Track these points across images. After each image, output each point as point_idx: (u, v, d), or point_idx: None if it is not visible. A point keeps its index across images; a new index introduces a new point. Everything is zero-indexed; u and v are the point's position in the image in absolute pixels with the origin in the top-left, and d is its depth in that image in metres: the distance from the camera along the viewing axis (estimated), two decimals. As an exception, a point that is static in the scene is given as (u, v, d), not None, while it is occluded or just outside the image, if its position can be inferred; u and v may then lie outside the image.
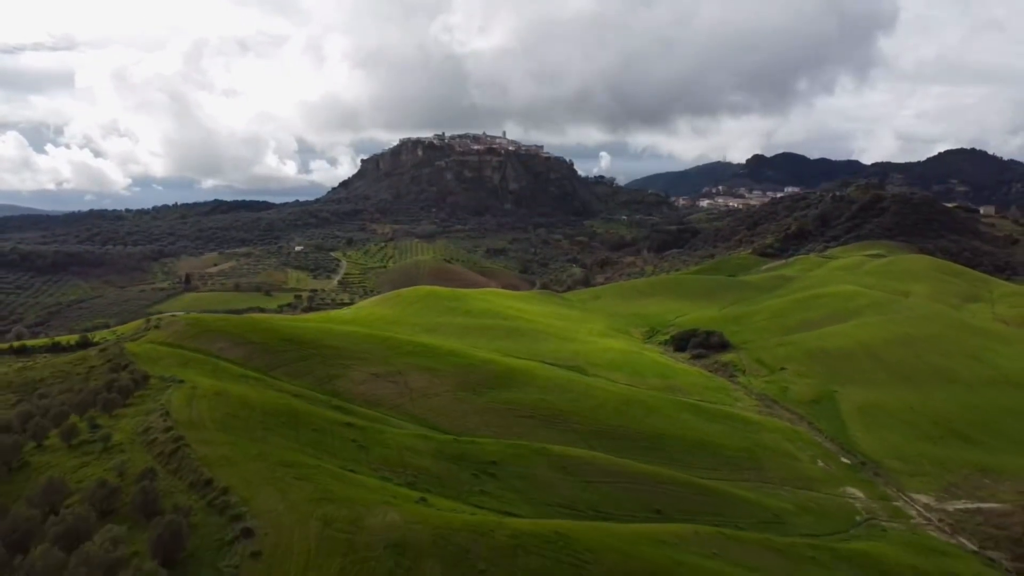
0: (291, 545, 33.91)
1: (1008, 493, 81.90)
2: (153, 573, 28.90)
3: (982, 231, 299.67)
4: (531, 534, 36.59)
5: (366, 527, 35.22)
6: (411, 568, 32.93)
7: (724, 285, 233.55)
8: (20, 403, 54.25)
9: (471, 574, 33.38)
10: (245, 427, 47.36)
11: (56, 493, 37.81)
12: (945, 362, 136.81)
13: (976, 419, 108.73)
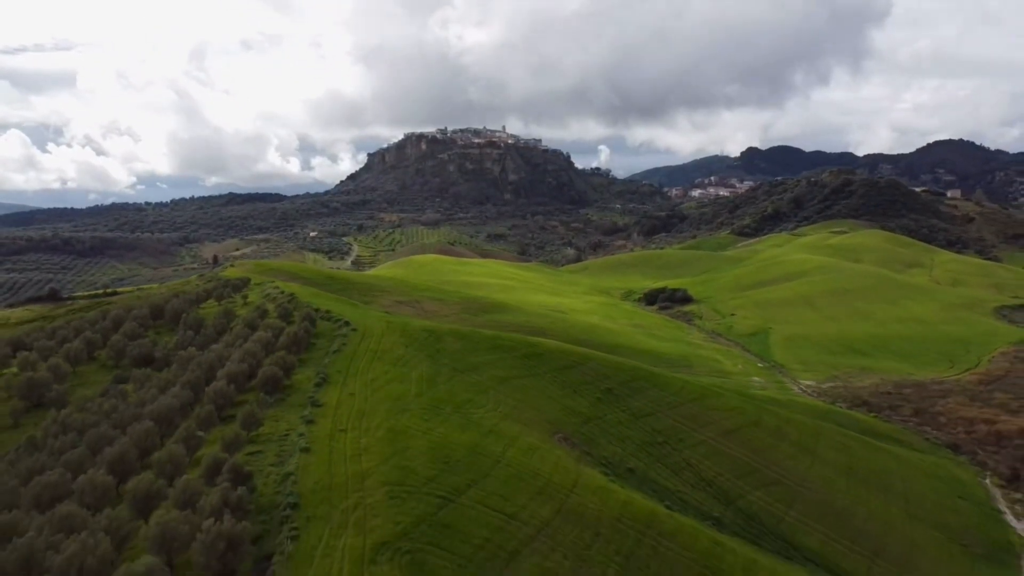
0: (372, 329, 62.21)
1: (873, 380, 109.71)
2: (299, 337, 57.29)
3: (943, 211, 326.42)
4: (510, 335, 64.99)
5: (411, 324, 63.57)
6: (437, 338, 61.22)
7: (699, 258, 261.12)
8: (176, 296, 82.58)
9: (479, 348, 61.62)
10: (328, 293, 75.83)
11: (229, 317, 66.10)
12: (866, 306, 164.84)
13: (876, 342, 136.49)
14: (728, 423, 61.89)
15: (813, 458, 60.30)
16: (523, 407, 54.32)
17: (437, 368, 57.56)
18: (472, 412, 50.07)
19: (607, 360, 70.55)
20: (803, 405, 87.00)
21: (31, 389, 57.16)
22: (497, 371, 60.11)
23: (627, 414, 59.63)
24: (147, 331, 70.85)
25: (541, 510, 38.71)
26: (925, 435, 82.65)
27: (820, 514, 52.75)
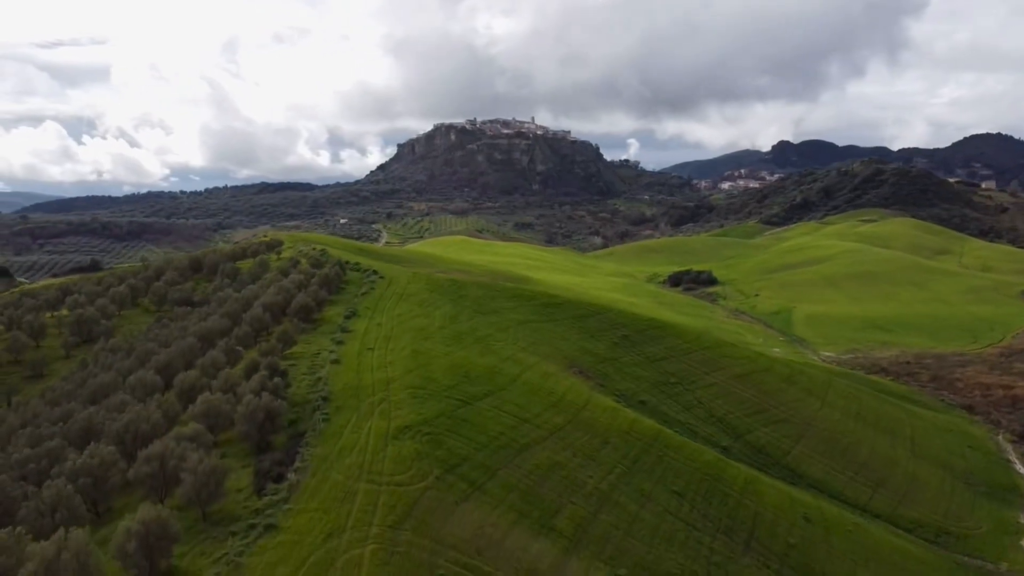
0: (398, 278, 65.37)
1: (893, 352, 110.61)
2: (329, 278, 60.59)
3: (975, 201, 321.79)
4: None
5: (435, 276, 66.57)
6: (460, 286, 64.15)
7: (725, 245, 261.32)
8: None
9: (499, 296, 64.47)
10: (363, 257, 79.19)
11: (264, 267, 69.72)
12: (892, 289, 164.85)
13: (898, 320, 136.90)
14: (739, 369, 63.95)
15: (822, 402, 62.15)
16: (540, 344, 56.98)
17: (459, 309, 60.53)
18: (492, 343, 52.90)
19: (623, 311, 73.02)
20: (818, 367, 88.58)
21: (80, 325, 61.10)
22: (516, 315, 62.88)
23: (641, 357, 61.99)
24: (186, 281, 74.75)
25: (554, 418, 41.37)
26: (941, 397, 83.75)
27: (825, 449, 54.72)
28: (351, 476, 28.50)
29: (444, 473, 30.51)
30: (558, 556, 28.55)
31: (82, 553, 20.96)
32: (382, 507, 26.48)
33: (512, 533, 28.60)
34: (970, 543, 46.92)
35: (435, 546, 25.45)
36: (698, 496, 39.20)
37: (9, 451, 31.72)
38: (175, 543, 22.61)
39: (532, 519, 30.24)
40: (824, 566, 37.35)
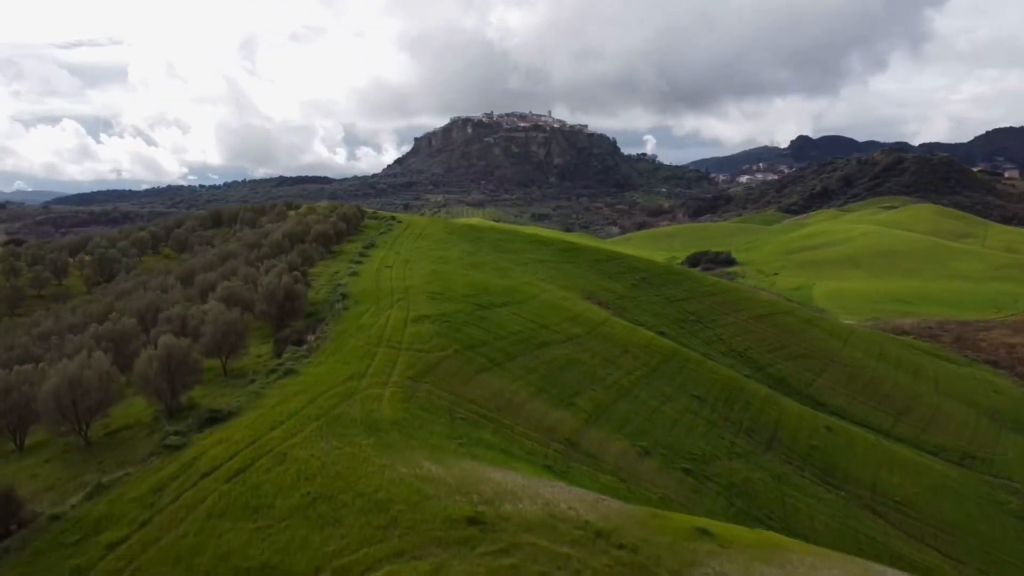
0: (416, 223, 65.37)
1: (915, 319, 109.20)
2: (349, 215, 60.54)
3: (999, 189, 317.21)
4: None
5: (453, 222, 66.48)
6: (478, 231, 64.04)
7: (744, 230, 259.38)
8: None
9: (517, 239, 64.26)
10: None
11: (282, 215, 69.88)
12: (912, 266, 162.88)
13: (920, 295, 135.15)
14: (760, 310, 63.33)
15: (844, 343, 61.39)
16: (559, 278, 56.71)
17: (478, 247, 60.44)
18: (510, 273, 52.66)
19: (641, 258, 72.52)
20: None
21: (102, 264, 61.60)
22: (534, 255, 62.67)
23: (660, 297, 61.53)
24: (207, 230, 75.18)
25: (572, 328, 41.07)
26: (964, 354, 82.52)
27: (848, 382, 54.00)
28: (370, 342, 28.41)
29: (463, 349, 30.36)
30: (579, 424, 28.30)
31: (104, 373, 20.99)
32: (401, 364, 26.36)
33: (532, 402, 28.38)
34: (995, 466, 46.10)
35: (454, 398, 25.28)
36: (719, 401, 38.76)
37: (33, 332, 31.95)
38: (196, 376, 22.59)
39: (551, 395, 30.00)
40: (847, 467, 36.80)
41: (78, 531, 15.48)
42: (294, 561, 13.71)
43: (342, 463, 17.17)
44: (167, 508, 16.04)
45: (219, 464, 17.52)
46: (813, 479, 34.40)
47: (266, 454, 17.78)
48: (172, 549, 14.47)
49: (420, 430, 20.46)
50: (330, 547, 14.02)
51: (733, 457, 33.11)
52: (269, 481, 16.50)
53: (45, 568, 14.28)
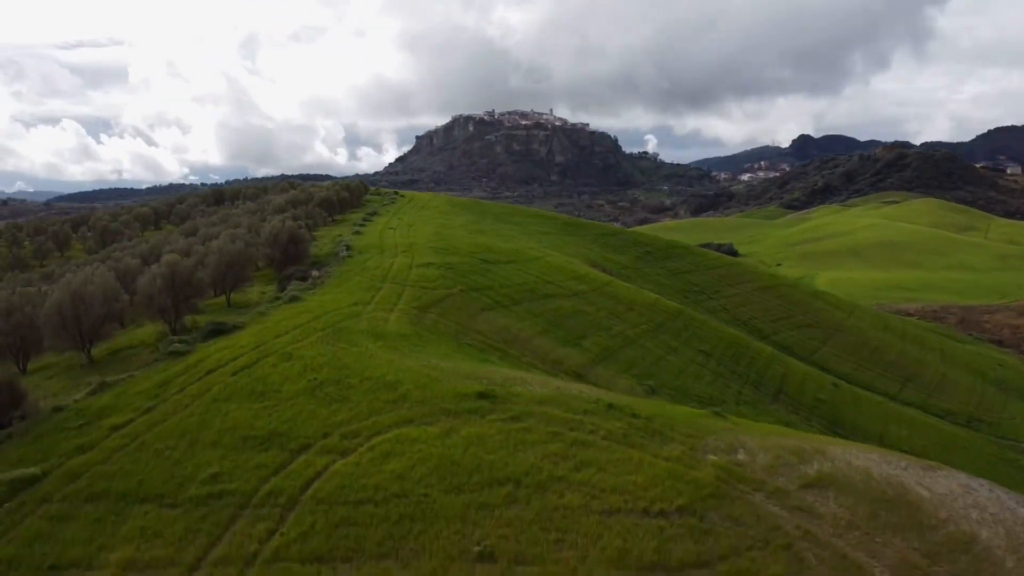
0: (419, 197, 65.07)
1: (919, 304, 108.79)
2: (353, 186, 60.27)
3: (1001, 185, 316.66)
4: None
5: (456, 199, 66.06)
6: (481, 206, 63.76)
7: (746, 225, 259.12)
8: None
9: (520, 214, 63.89)
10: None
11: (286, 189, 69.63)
12: (915, 257, 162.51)
13: (922, 283, 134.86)
14: (764, 282, 63.08)
15: (848, 314, 61.13)
16: (563, 247, 56.45)
17: (481, 218, 60.16)
18: (514, 239, 52.44)
19: (644, 233, 72.28)
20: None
21: (104, 235, 61.42)
22: (538, 228, 62.41)
23: (664, 270, 61.26)
24: (209, 207, 74.98)
25: (577, 286, 40.80)
26: (969, 333, 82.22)
27: (853, 349, 53.69)
28: (375, 279, 28.19)
29: (468, 290, 30.13)
30: (585, 361, 28.06)
31: (108, 287, 20.78)
32: (407, 296, 26.14)
33: (538, 338, 28.15)
34: (1002, 428, 45.81)
35: (460, 327, 25.04)
36: (725, 356, 38.50)
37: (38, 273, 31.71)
38: (200, 294, 22.37)
39: (557, 336, 29.77)
40: (854, 419, 36.53)
41: (82, 418, 15.25)
42: (301, 429, 13.47)
43: (349, 358, 16.93)
44: (171, 398, 15.81)
45: (224, 362, 17.29)
46: (820, 428, 34.12)
47: (272, 354, 17.54)
48: (177, 427, 14.23)
49: (427, 343, 20.22)
50: (338, 417, 13.79)
51: (740, 403, 32.84)
52: (275, 373, 16.26)
53: (49, 447, 14.04)
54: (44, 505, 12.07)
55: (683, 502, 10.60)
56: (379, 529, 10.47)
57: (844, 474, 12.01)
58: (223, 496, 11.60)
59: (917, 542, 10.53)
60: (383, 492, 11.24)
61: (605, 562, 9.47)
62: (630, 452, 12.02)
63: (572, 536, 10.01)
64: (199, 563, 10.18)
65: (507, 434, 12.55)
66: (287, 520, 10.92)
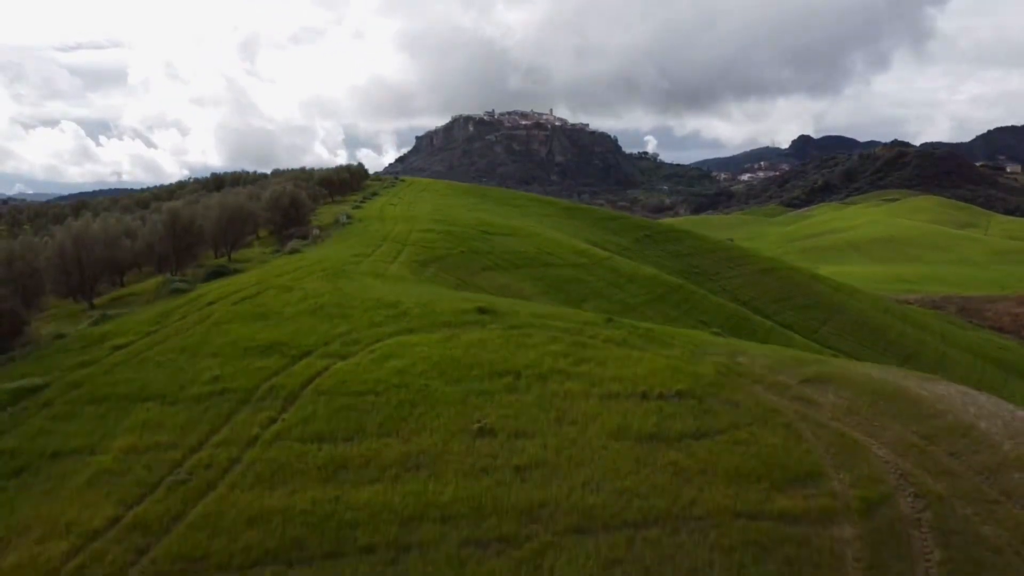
0: (421, 182, 65.12)
1: (916, 295, 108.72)
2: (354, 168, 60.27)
3: (1001, 183, 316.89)
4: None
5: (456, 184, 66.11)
6: (482, 191, 63.82)
7: (745, 222, 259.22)
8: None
9: (520, 199, 63.87)
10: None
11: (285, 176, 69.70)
12: (916, 252, 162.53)
13: (923, 277, 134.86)
14: (764, 265, 63.10)
15: (849, 296, 61.17)
16: (563, 228, 56.51)
17: (482, 201, 60.19)
18: (514, 219, 52.51)
19: (644, 218, 72.31)
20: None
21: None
22: (539, 211, 62.48)
23: (665, 252, 61.31)
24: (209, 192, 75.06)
25: (576, 259, 40.84)
26: (969, 320, 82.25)
27: (854, 329, 53.72)
28: (376, 238, 28.26)
29: (468, 251, 30.19)
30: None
31: (110, 229, 20.82)
32: (407, 252, 26.20)
33: (539, 297, 28.17)
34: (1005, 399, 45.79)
35: (460, 282, 25.08)
36: (725, 328, 38.41)
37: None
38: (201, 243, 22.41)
39: (558, 298, 29.79)
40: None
41: (84, 341, 15.29)
42: (302, 340, 13.51)
43: (349, 288, 16.98)
44: (173, 324, 15.85)
45: (226, 295, 17.33)
46: (821, 394, 34.10)
47: (273, 287, 17.58)
48: (178, 344, 14.27)
49: (427, 286, 20.27)
50: (339, 329, 13.83)
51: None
52: (277, 301, 16.31)
53: (51, 364, 14.08)
54: (46, 408, 12.11)
55: (683, 387, 10.65)
56: (380, 413, 10.52)
57: (843, 374, 12.05)
58: (224, 393, 11.64)
59: (915, 427, 10.57)
60: (384, 384, 11.29)
61: (604, 435, 9.52)
62: (630, 352, 12.06)
63: (571, 415, 10.06)
64: (200, 446, 10.22)
65: (507, 338, 12.59)
66: (288, 410, 10.97)
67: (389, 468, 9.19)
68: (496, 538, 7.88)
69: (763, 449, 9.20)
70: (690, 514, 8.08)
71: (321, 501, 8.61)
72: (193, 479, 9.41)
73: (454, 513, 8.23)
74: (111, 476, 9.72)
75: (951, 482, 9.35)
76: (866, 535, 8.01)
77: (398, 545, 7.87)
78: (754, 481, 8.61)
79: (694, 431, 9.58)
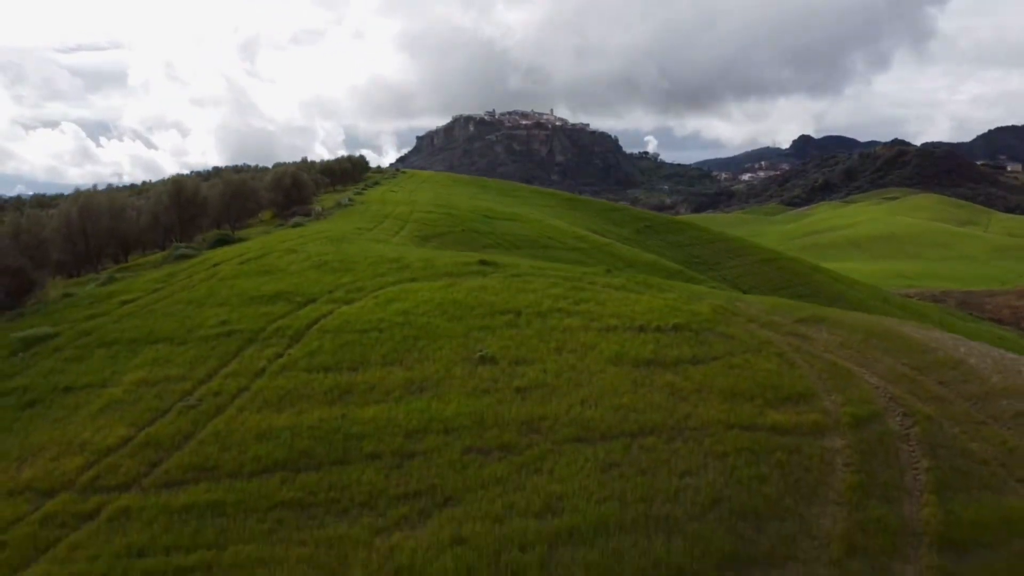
0: (420, 175, 65.39)
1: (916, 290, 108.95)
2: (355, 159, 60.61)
3: (1001, 181, 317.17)
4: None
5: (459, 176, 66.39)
6: (484, 183, 64.01)
7: (745, 221, 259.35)
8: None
9: (522, 191, 64.15)
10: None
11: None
12: (916, 249, 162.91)
13: (923, 273, 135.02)
14: (764, 255, 63.44)
15: (848, 287, 61.48)
16: (564, 217, 56.80)
17: (483, 191, 60.52)
18: (514, 206, 52.81)
19: (644, 211, 72.67)
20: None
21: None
22: (540, 201, 62.76)
23: (666, 242, 61.62)
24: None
25: (577, 244, 41.11)
26: (969, 313, 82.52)
27: (852, 317, 54.04)
28: (377, 215, 28.55)
29: (468, 231, 30.48)
30: (585, 297, 28.33)
31: (116, 201, 21.11)
32: (408, 229, 26.49)
33: (538, 274, 28.44)
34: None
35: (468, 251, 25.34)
36: (724, 310, 38.83)
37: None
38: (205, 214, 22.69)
39: (558, 276, 30.06)
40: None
41: (92, 299, 15.57)
42: (307, 289, 13.78)
43: (353, 250, 17.26)
44: (180, 282, 16.13)
45: (231, 258, 17.61)
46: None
47: (277, 251, 17.86)
48: (185, 297, 14.55)
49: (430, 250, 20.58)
50: (343, 280, 14.12)
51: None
52: (281, 260, 16.59)
53: (61, 318, 14.36)
54: (57, 353, 12.39)
55: (679, 322, 10.92)
56: (384, 346, 10.79)
57: (837, 317, 12.33)
58: (232, 334, 11.92)
59: (906, 360, 10.84)
60: (387, 323, 11.56)
61: (602, 361, 9.78)
62: (628, 295, 12.33)
63: (570, 345, 10.33)
64: (209, 378, 10.49)
65: (508, 284, 12.86)
66: (294, 347, 11.24)
67: (393, 391, 9.47)
68: (497, 446, 8.17)
69: (757, 373, 9.47)
70: (685, 425, 8.36)
71: (327, 419, 8.89)
72: (203, 404, 9.68)
73: (456, 426, 8.53)
74: (123, 405, 9.99)
75: (940, 406, 9.62)
76: (855, 445, 8.27)
77: (402, 453, 8.17)
78: (748, 400, 8.88)
79: (690, 357, 9.85)
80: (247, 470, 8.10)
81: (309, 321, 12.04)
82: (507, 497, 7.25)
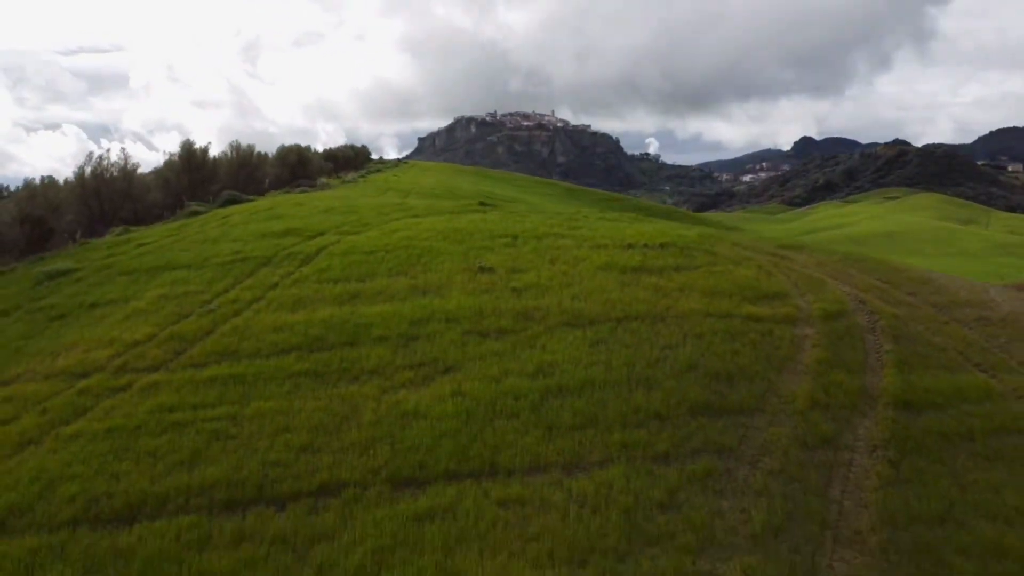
0: (423, 165, 66.05)
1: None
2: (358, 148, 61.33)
3: (1002, 181, 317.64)
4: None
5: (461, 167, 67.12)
6: (485, 174, 64.71)
7: (746, 220, 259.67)
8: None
9: (522, 180, 64.84)
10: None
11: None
12: (917, 245, 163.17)
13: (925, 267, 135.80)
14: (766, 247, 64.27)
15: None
16: (564, 204, 57.55)
17: (485, 179, 61.29)
18: (515, 193, 53.57)
19: (643, 201, 73.43)
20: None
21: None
22: (540, 190, 63.53)
23: (664, 230, 62.46)
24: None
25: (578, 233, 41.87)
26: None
27: (849, 302, 54.68)
28: (379, 187, 29.26)
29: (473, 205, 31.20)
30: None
31: (128, 163, 21.82)
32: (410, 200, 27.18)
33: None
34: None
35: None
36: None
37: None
38: (214, 179, 23.41)
39: (557, 248, 30.77)
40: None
41: (110, 244, 16.31)
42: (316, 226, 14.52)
43: (358, 201, 18.01)
44: (193, 230, 16.88)
45: (241, 211, 18.35)
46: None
47: (286, 204, 18.61)
48: (200, 238, 15.30)
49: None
50: (350, 219, 14.85)
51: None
52: (290, 209, 17.34)
53: (81, 258, 15.11)
54: (80, 282, 13.14)
55: (667, 241, 11.65)
56: (390, 263, 11.54)
57: (819, 247, 13.03)
58: (246, 260, 12.67)
59: (879, 275, 11.56)
60: (393, 246, 12.31)
61: (593, 268, 10.51)
62: (620, 224, 13.05)
63: (564, 258, 11.07)
64: (226, 291, 11.22)
65: (506, 217, 13.60)
66: (305, 267, 11.98)
67: (398, 294, 10.22)
68: (495, 330, 8.89)
69: (736, 278, 10.19)
70: (667, 314, 9.08)
71: (338, 315, 9.64)
72: (221, 309, 10.42)
73: (457, 316, 9.26)
74: (146, 313, 10.74)
75: (907, 310, 10.34)
76: (824, 332, 8.99)
77: (408, 336, 8.90)
78: (726, 296, 9.60)
79: (675, 266, 10.59)
80: (265, 352, 8.83)
81: (318, 247, 12.79)
82: (503, 364, 7.98)
